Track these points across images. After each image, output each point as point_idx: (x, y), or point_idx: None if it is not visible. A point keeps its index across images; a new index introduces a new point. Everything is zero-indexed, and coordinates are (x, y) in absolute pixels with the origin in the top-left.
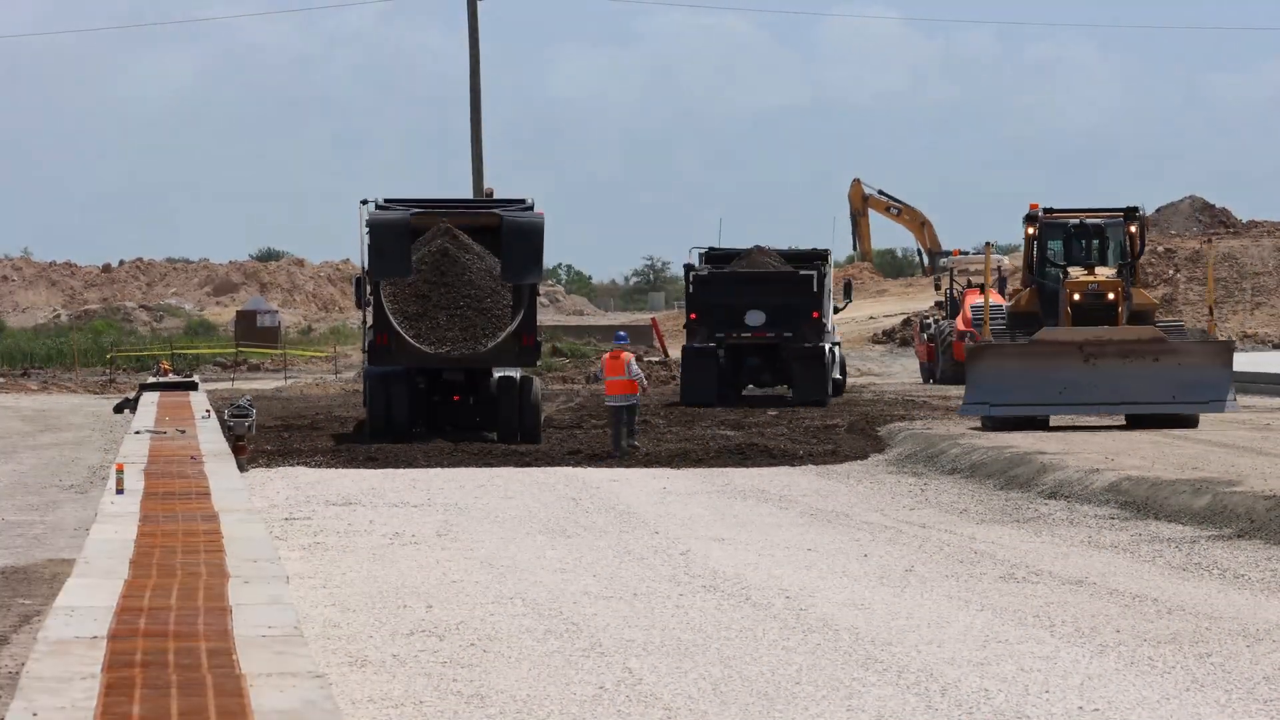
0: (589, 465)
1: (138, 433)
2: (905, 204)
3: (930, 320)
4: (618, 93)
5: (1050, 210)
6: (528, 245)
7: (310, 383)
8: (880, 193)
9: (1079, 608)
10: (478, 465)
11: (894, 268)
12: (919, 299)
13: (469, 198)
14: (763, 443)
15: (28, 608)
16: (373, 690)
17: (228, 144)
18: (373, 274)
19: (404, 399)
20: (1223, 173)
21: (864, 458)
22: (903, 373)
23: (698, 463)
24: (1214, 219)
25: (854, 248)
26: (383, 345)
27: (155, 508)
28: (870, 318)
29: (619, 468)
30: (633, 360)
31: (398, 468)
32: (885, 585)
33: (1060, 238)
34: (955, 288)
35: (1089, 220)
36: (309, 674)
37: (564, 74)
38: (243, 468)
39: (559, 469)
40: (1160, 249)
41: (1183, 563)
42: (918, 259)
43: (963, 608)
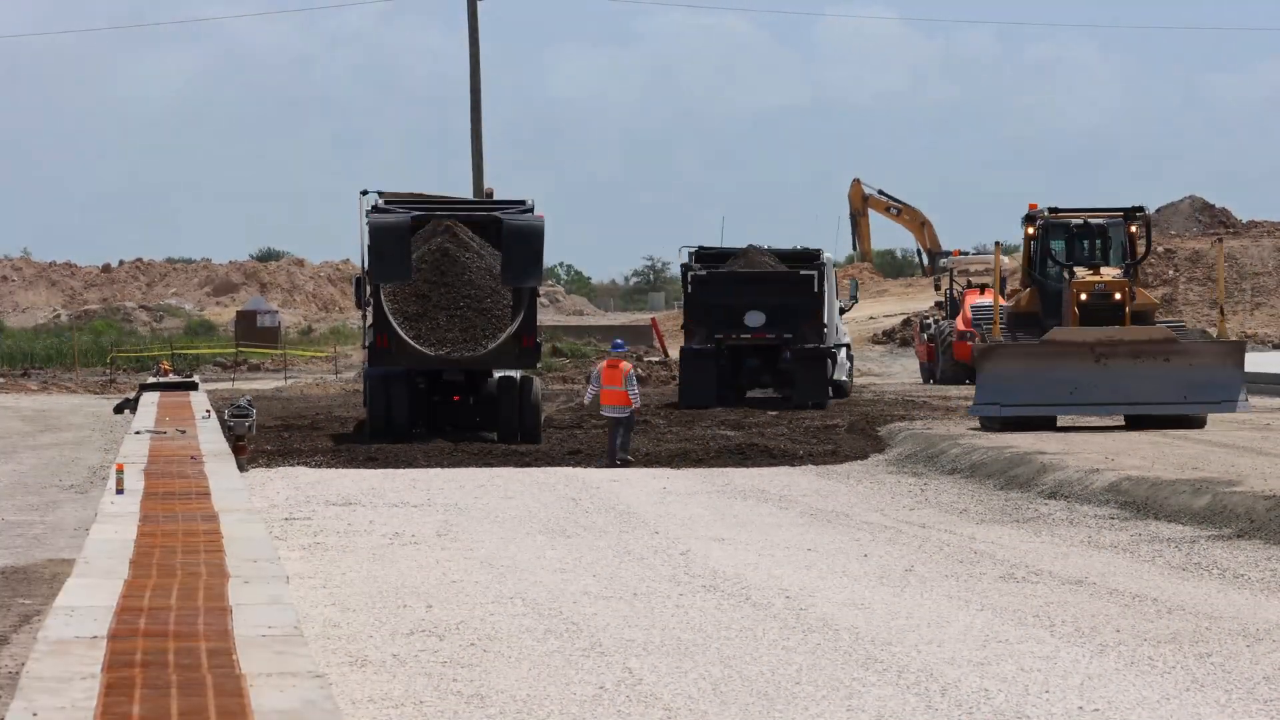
0: (589, 465)
1: (138, 433)
2: (905, 204)
3: (930, 320)
4: (618, 93)
5: (1055, 210)
6: (528, 248)
7: (310, 383)
8: (880, 193)
9: (1079, 608)
10: (478, 465)
11: (894, 268)
12: (919, 299)
13: (468, 197)
14: (763, 443)
15: (28, 608)
16: (373, 690)
17: (228, 144)
18: (373, 277)
19: (404, 399)
20: (1222, 173)
21: (864, 458)
22: (903, 373)
23: (698, 463)
24: (1214, 219)
25: (854, 248)
26: (383, 347)
27: (155, 508)
28: (870, 318)
29: (619, 468)
30: (632, 373)
31: (398, 468)
32: (885, 585)
33: (1063, 237)
34: (955, 288)
35: (1092, 220)
36: (309, 674)
37: (564, 74)
38: (243, 468)
39: (559, 469)
40: (1160, 249)
41: (1183, 563)
42: (918, 259)
43: (963, 608)
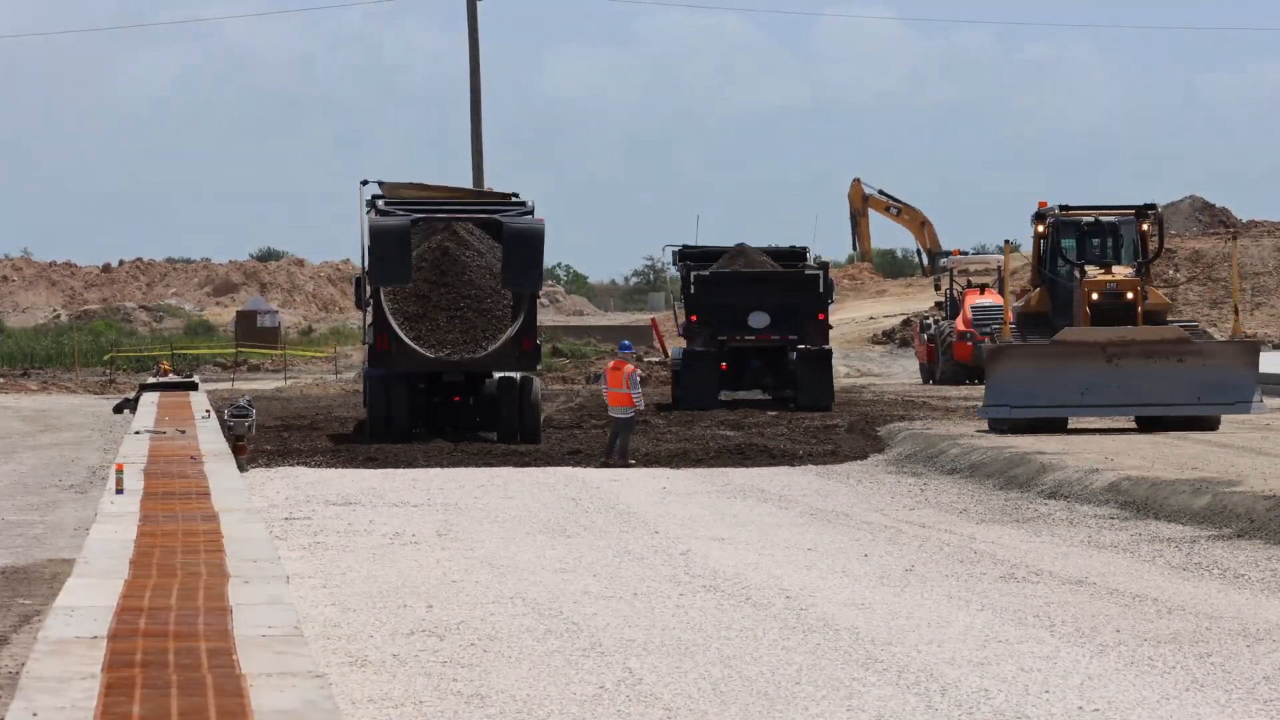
0: (589, 465)
1: (137, 433)
2: (905, 204)
3: (930, 321)
4: (617, 93)
5: (1066, 208)
6: (528, 251)
7: (310, 383)
8: (880, 193)
9: (1079, 608)
10: (478, 465)
11: (894, 268)
12: (919, 299)
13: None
14: (763, 443)
15: (28, 608)
16: (373, 690)
17: (228, 144)
18: (373, 280)
19: (404, 400)
20: (1222, 173)
21: (864, 458)
22: (902, 373)
23: (697, 463)
24: (1214, 219)
25: (854, 248)
26: (383, 349)
27: (155, 508)
28: (870, 318)
29: (619, 468)
30: (636, 375)
31: (398, 468)
32: (885, 585)
33: (1074, 236)
34: (955, 288)
35: (1104, 218)
36: (309, 674)
37: (564, 74)
38: (243, 468)
39: (559, 469)
40: None
41: (1183, 563)
42: (917, 259)
43: (963, 608)
